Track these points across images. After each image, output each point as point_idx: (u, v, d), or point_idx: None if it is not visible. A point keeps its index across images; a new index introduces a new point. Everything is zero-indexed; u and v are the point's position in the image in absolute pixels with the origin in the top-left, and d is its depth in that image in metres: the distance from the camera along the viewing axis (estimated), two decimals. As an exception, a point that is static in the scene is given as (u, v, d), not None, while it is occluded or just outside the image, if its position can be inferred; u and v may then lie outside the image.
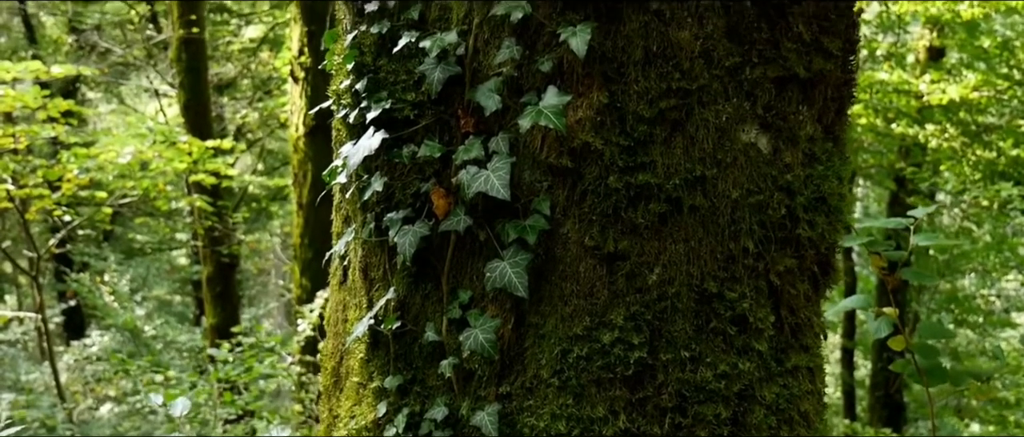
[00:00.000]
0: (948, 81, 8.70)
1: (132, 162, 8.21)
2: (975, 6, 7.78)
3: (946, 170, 9.90)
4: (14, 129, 8.22)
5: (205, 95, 9.72)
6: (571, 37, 1.51)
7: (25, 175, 8.23)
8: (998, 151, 8.77)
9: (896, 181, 10.12)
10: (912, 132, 9.05)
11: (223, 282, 9.37)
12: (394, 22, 1.67)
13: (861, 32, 1.75)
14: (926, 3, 7.82)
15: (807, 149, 1.68)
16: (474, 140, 1.61)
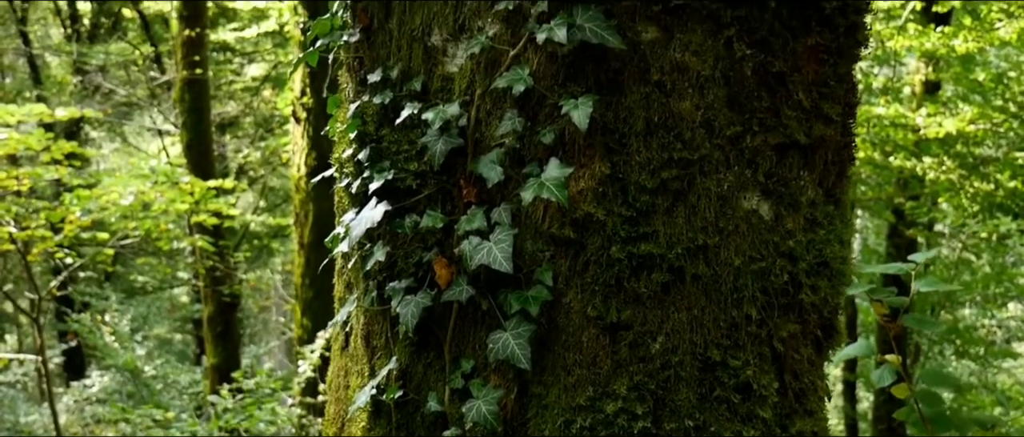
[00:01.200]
0: (944, 114, 8.74)
1: (134, 203, 8.23)
2: (969, 40, 7.83)
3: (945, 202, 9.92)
4: (17, 171, 8.24)
5: (207, 135, 9.76)
6: (573, 110, 1.52)
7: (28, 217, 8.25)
8: (996, 183, 8.79)
9: (895, 213, 10.12)
10: (910, 165, 9.08)
11: (224, 322, 9.34)
12: (396, 93, 1.69)
13: (858, 67, 1.76)
14: (921, 38, 7.87)
15: (809, 214, 1.69)
16: (476, 210, 1.62)
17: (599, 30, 1.50)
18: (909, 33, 7.92)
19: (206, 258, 9.11)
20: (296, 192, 7.95)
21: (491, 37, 1.59)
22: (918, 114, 8.60)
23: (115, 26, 12.50)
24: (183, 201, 8.30)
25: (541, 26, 1.52)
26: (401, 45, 1.69)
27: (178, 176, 8.57)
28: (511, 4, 1.55)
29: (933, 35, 7.84)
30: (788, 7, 1.59)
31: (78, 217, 8.02)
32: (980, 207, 8.82)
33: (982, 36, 7.69)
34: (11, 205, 7.99)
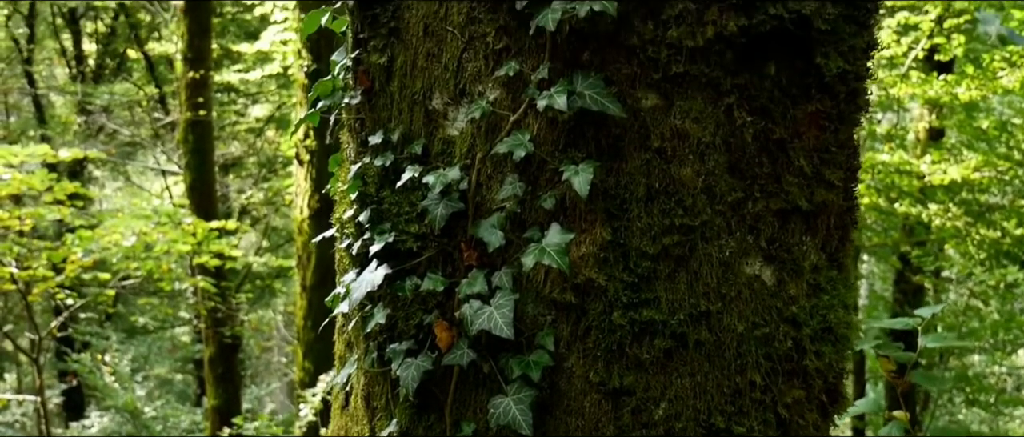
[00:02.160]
0: (949, 161, 8.74)
1: (136, 244, 8.23)
2: (972, 88, 7.86)
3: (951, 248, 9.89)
4: (20, 211, 8.26)
5: (210, 176, 9.80)
6: (574, 176, 1.51)
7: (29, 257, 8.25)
8: (1002, 231, 8.77)
9: (901, 259, 10.09)
10: (915, 211, 9.07)
11: (225, 363, 9.30)
12: (397, 155, 1.69)
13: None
14: (924, 86, 7.90)
15: (812, 279, 1.68)
16: (477, 273, 1.61)
17: (599, 98, 1.50)
18: (912, 81, 7.96)
19: (208, 299, 9.09)
20: (298, 234, 7.95)
21: (492, 102, 1.59)
22: (922, 161, 8.61)
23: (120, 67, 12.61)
24: (185, 242, 8.30)
25: (541, 93, 1.52)
26: (402, 108, 1.69)
27: (180, 217, 8.59)
28: (511, 70, 1.55)
29: (936, 83, 7.88)
30: (788, 75, 1.59)
31: (80, 257, 8.03)
32: (987, 254, 8.79)
33: (985, 84, 7.71)
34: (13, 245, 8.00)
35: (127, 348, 12.10)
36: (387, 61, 1.70)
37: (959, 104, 8.54)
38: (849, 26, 1.63)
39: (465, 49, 1.61)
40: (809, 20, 1.57)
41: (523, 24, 1.55)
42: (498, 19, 1.57)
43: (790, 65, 1.60)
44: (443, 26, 1.63)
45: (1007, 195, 9.30)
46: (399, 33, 1.68)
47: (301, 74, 7.77)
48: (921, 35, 7.88)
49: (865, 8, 1.66)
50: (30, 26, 12.44)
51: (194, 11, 9.33)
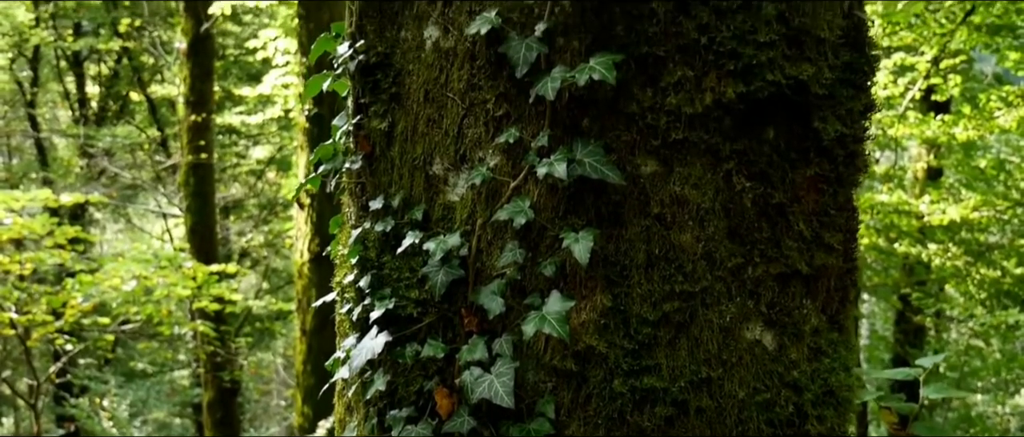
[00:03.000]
0: (948, 201, 8.76)
1: (136, 289, 8.22)
2: (970, 128, 7.90)
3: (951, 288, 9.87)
4: (20, 256, 8.27)
5: (211, 218, 9.82)
6: (574, 244, 1.52)
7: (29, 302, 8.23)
8: (1003, 270, 8.76)
9: (901, 299, 10.07)
10: (915, 251, 9.07)
11: (224, 408, 9.24)
12: (398, 220, 1.69)
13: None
14: (921, 126, 7.94)
15: (812, 343, 1.67)
16: (478, 340, 1.60)
17: (599, 165, 1.50)
18: (909, 121, 8.00)
19: (207, 343, 9.06)
20: (299, 278, 7.94)
21: (492, 168, 1.60)
22: (921, 201, 8.63)
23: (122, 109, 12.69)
24: (185, 286, 8.29)
25: (541, 160, 1.53)
26: (403, 173, 1.70)
27: (181, 260, 8.59)
28: (511, 137, 1.56)
29: (933, 123, 7.92)
30: (786, 139, 1.60)
31: (79, 302, 8.01)
32: (987, 294, 8.77)
33: (982, 124, 7.75)
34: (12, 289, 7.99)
35: (126, 392, 12.02)
36: (388, 126, 1.71)
37: (957, 143, 8.59)
38: (846, 90, 1.64)
39: (465, 115, 1.62)
40: (807, 85, 1.58)
41: (523, 91, 1.56)
42: (498, 86, 1.59)
43: (788, 129, 1.61)
44: (444, 92, 1.64)
45: (1007, 235, 9.30)
46: (400, 99, 1.69)
47: (302, 118, 7.81)
48: (918, 76, 7.93)
49: (862, 71, 1.67)
50: (34, 69, 12.54)
51: (197, 55, 9.41)
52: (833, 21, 1.62)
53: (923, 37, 7.10)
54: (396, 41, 1.69)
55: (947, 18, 7.03)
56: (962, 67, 8.19)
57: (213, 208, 9.86)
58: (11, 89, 12.52)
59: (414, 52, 1.67)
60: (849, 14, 1.67)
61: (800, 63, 1.57)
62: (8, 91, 12.52)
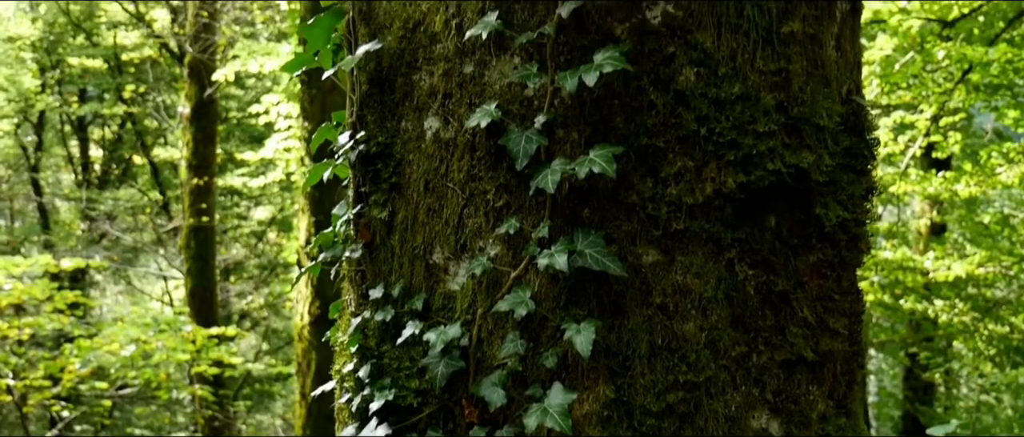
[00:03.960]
0: (953, 257, 8.73)
1: (135, 353, 8.17)
2: (971, 185, 7.91)
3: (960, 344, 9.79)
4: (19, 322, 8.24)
5: (212, 281, 9.79)
6: (575, 335, 1.50)
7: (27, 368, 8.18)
8: (1010, 327, 8.70)
9: (909, 357, 9.98)
10: (921, 308, 9.01)
11: (223, 474, 9.11)
12: (398, 310, 1.67)
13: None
14: (923, 183, 7.95)
15: (820, 430, 1.64)
16: (479, 432, 1.58)
17: (600, 257, 1.49)
18: (911, 178, 8.01)
19: (205, 407, 8.97)
20: (298, 341, 7.89)
21: (492, 258, 1.59)
22: (926, 257, 8.61)
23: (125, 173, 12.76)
24: (184, 350, 8.24)
25: (542, 251, 1.52)
26: (403, 262, 1.69)
27: (180, 324, 8.55)
28: (512, 228, 1.55)
29: (935, 180, 7.93)
30: (788, 226, 1.59)
31: (77, 368, 7.96)
32: (996, 350, 8.69)
33: (984, 180, 7.76)
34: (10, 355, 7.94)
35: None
36: (388, 215, 1.70)
37: (959, 200, 8.59)
38: (847, 175, 1.64)
39: (466, 205, 1.62)
40: (807, 173, 1.58)
41: (523, 182, 1.56)
42: (498, 177, 1.58)
43: (790, 217, 1.60)
44: (444, 182, 1.64)
45: (1013, 290, 9.25)
46: (400, 188, 1.69)
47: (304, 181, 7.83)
48: (918, 133, 7.97)
49: (862, 156, 1.67)
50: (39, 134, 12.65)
51: (200, 119, 9.49)
52: (832, 108, 1.62)
53: (922, 96, 7.15)
54: (397, 131, 1.69)
55: (945, 77, 7.09)
56: (962, 124, 8.23)
57: (213, 270, 9.85)
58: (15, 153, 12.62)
59: (414, 142, 1.67)
60: (847, 100, 1.68)
61: (800, 151, 1.57)
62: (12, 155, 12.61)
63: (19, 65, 12.02)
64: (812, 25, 1.61)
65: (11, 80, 11.59)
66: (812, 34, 1.61)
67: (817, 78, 1.62)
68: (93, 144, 13.14)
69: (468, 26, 1.60)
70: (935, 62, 6.77)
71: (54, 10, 12.04)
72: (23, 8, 12.73)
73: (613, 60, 1.47)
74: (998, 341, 8.99)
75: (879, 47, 6.96)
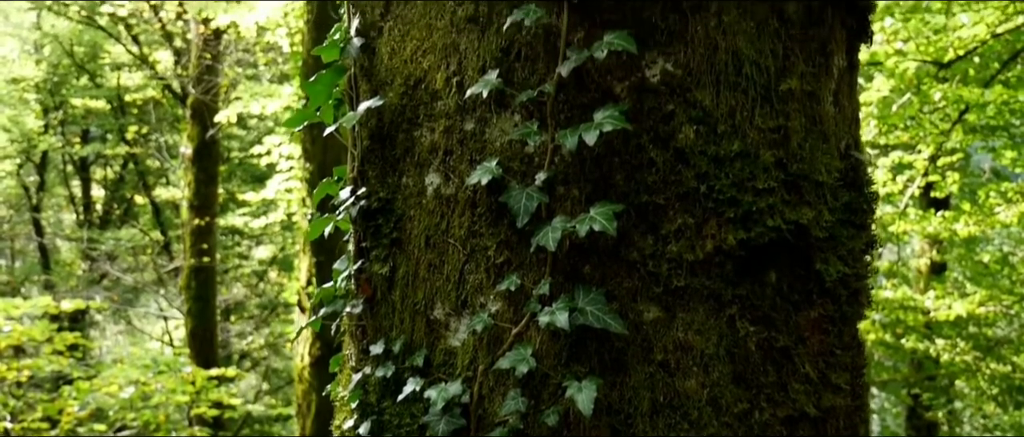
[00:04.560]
0: (953, 296, 8.72)
1: (134, 395, 8.13)
2: (970, 224, 7.92)
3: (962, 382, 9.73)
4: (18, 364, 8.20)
5: (212, 322, 9.77)
6: (577, 393, 1.49)
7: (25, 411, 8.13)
8: (1012, 366, 8.65)
9: (912, 396, 9.92)
10: (923, 347, 8.98)
11: (221, 517, 9.01)
12: (399, 366, 1.67)
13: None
14: (922, 222, 7.96)
15: (824, 486, 1.63)
16: (480, 490, 1.56)
17: (601, 314, 1.50)
18: (910, 218, 8.03)
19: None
20: (299, 382, 7.85)
21: (493, 315, 1.59)
22: (927, 296, 8.59)
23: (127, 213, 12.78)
24: (184, 392, 8.20)
25: (543, 309, 1.52)
26: (404, 317, 1.69)
27: (180, 365, 8.51)
28: (513, 284, 1.55)
29: (934, 219, 7.94)
30: (789, 282, 1.59)
31: (76, 411, 7.91)
32: (999, 390, 8.64)
33: (983, 220, 7.77)
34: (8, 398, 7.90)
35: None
36: (389, 271, 1.70)
37: (959, 239, 8.59)
38: (847, 230, 1.65)
39: (466, 261, 1.62)
40: (807, 229, 1.58)
41: (524, 239, 1.56)
42: (499, 233, 1.59)
43: (791, 272, 1.60)
44: (445, 238, 1.64)
45: (1015, 329, 9.22)
46: (401, 243, 1.70)
47: (305, 222, 7.84)
48: (916, 173, 8.00)
49: (861, 210, 1.68)
50: (41, 174, 12.69)
51: (202, 160, 9.53)
52: (830, 164, 1.63)
53: (919, 137, 7.19)
54: (398, 187, 1.70)
55: (942, 118, 7.13)
56: (959, 164, 8.27)
57: (214, 311, 9.83)
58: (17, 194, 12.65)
59: (415, 198, 1.68)
60: (846, 155, 1.69)
61: (800, 207, 1.57)
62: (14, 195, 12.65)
63: (23, 106, 12.10)
64: (810, 82, 1.63)
65: (14, 121, 11.67)
66: (810, 91, 1.63)
67: (815, 134, 1.63)
68: (95, 184, 13.18)
69: (469, 84, 1.62)
70: (932, 103, 6.82)
71: (58, 52, 12.15)
72: (28, 50, 12.85)
73: (613, 119, 1.49)
74: (1000, 380, 8.94)
75: (876, 88, 7.01)
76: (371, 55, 1.76)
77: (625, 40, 1.50)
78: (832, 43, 1.68)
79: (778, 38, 1.61)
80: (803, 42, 1.63)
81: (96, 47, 12.09)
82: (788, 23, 1.62)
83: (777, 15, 1.61)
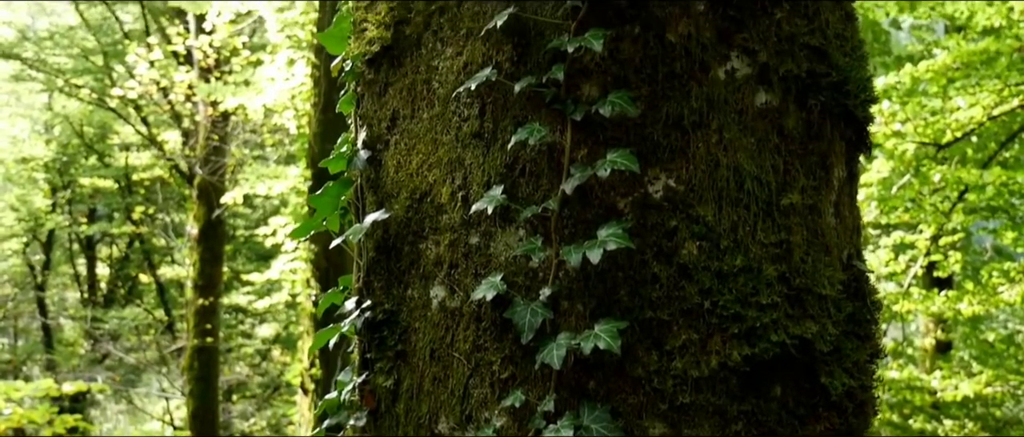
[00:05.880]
0: (960, 376, 8.63)
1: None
2: (974, 304, 7.89)
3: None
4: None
5: (214, 402, 9.68)
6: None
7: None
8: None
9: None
10: (930, 428, 8.86)
11: None
12: (403, 480, 1.66)
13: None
14: (926, 302, 7.94)
15: None
16: None
17: (606, 432, 1.49)
18: (914, 297, 8.00)
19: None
20: (301, 468, 7.73)
21: (498, 430, 1.58)
22: (933, 376, 8.51)
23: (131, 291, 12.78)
24: (184, 475, 8.08)
25: (548, 426, 1.52)
26: (408, 431, 1.68)
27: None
28: (517, 400, 1.55)
29: (938, 299, 7.92)
30: (794, 396, 1.59)
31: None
32: (1010, 472, 8.48)
33: (986, 299, 7.75)
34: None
35: None
36: (394, 383, 1.70)
37: (963, 318, 8.55)
38: (851, 342, 1.65)
39: (471, 375, 1.62)
40: (812, 343, 1.59)
41: (528, 355, 1.57)
42: (503, 348, 1.59)
43: (796, 387, 1.60)
44: (449, 352, 1.65)
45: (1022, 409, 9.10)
46: (406, 356, 1.70)
47: (309, 303, 7.84)
48: (918, 253, 8.01)
49: (865, 321, 1.69)
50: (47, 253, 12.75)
51: (207, 240, 9.57)
52: (833, 276, 1.64)
53: (920, 217, 7.22)
54: (403, 299, 1.71)
55: (942, 199, 7.17)
56: (961, 243, 8.28)
57: (216, 392, 9.75)
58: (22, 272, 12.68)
59: (420, 310, 1.69)
60: (848, 266, 1.70)
61: (803, 322, 1.58)
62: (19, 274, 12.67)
63: (31, 185, 12.21)
64: (811, 196, 1.65)
65: (22, 200, 11.76)
66: (811, 204, 1.65)
67: (817, 247, 1.65)
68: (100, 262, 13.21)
69: (474, 198, 1.64)
70: (931, 185, 6.86)
71: (68, 132, 12.32)
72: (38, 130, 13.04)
73: (616, 237, 1.50)
74: (1012, 463, 8.79)
75: (876, 170, 7.07)
76: (377, 167, 1.79)
77: (627, 159, 1.53)
78: (832, 156, 1.71)
79: (778, 153, 1.64)
80: (803, 156, 1.66)
81: (105, 127, 12.27)
82: (788, 138, 1.65)
83: (777, 131, 1.64)
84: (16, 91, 13.06)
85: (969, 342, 9.14)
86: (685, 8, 1.62)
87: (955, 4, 6.68)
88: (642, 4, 1.61)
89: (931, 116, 6.88)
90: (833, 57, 1.70)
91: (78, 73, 11.70)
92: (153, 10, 11.55)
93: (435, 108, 1.72)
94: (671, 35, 1.61)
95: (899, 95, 7.10)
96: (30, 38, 12.39)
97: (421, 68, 1.75)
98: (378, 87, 1.81)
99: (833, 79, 1.69)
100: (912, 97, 7.09)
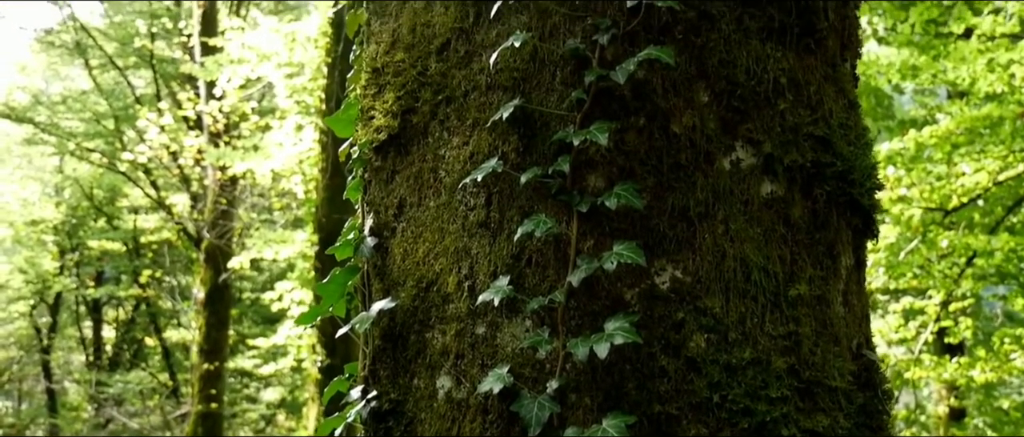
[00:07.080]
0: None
1: None
2: (987, 370, 7.79)
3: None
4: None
5: (217, 469, 9.55)
6: None
7: None
8: (1044, 519, 8.32)
9: None
10: (948, 497, 8.68)
11: None
12: None
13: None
14: (938, 369, 7.84)
15: None
16: None
17: (616, 531, 1.46)
18: (925, 364, 7.91)
19: None
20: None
21: (505, 526, 1.55)
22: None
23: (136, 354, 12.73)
24: None
25: (556, 523, 1.49)
26: (414, 525, 1.65)
27: (183, 517, 8.27)
28: (525, 496, 1.53)
29: (950, 366, 7.82)
30: (807, 491, 1.56)
31: None
32: None
33: (999, 366, 7.65)
34: None
35: None
36: (399, 475, 1.68)
37: (976, 385, 8.44)
38: (863, 432, 1.63)
39: (477, 469, 1.60)
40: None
41: (535, 449, 1.54)
42: (510, 443, 1.57)
43: (807, 481, 1.57)
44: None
45: (1043, 478, 8.91)
46: (411, 448, 1.68)
47: (315, 369, 7.78)
48: (928, 319, 7.94)
49: (876, 412, 1.67)
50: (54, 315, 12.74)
51: (214, 304, 9.56)
52: (843, 367, 1.63)
53: (929, 283, 7.18)
54: (409, 388, 1.70)
55: (951, 264, 7.14)
56: (971, 309, 8.21)
57: (220, 459, 9.63)
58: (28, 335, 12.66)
59: (426, 401, 1.67)
60: (858, 355, 1.69)
61: (814, 415, 1.56)
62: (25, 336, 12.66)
63: (40, 248, 12.26)
64: (819, 286, 1.64)
65: (31, 262, 11.80)
66: (819, 294, 1.64)
67: (826, 337, 1.63)
68: (107, 324, 13.19)
69: (481, 288, 1.64)
70: (939, 250, 6.84)
71: (78, 195, 12.41)
72: (48, 192, 13.14)
73: (623, 332, 1.49)
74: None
75: (883, 235, 7.05)
76: (384, 255, 1.79)
77: (634, 252, 1.53)
78: (839, 244, 1.71)
79: (785, 243, 1.63)
80: (810, 246, 1.66)
81: (115, 190, 12.36)
82: (794, 228, 1.65)
83: (783, 221, 1.64)
84: (28, 154, 13.20)
85: (983, 410, 9.01)
86: (689, 99, 1.63)
87: (957, 71, 6.73)
88: (646, 96, 1.63)
89: (937, 181, 6.89)
90: (837, 146, 1.71)
91: (90, 137, 11.86)
92: (165, 75, 11.74)
93: (442, 197, 1.72)
94: (675, 126, 1.62)
95: (904, 160, 7.13)
96: (43, 102, 12.58)
97: (428, 157, 1.76)
98: (385, 174, 1.82)
99: (838, 168, 1.69)
100: (917, 163, 7.11)
